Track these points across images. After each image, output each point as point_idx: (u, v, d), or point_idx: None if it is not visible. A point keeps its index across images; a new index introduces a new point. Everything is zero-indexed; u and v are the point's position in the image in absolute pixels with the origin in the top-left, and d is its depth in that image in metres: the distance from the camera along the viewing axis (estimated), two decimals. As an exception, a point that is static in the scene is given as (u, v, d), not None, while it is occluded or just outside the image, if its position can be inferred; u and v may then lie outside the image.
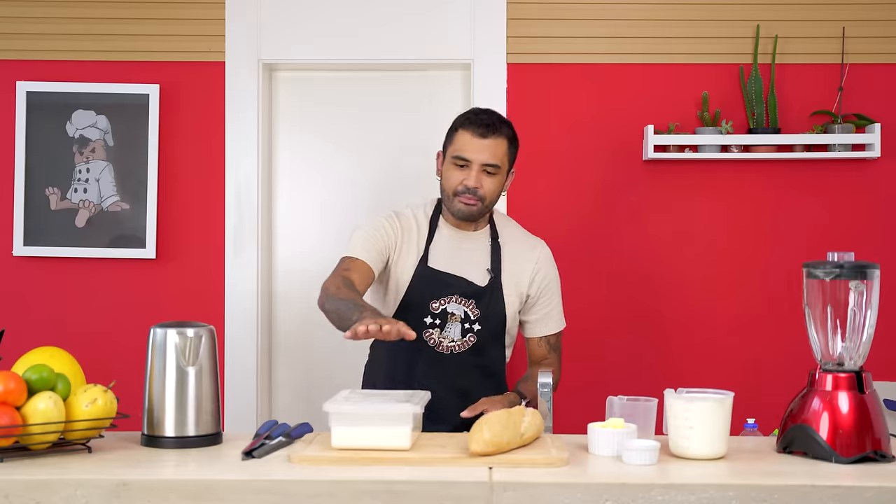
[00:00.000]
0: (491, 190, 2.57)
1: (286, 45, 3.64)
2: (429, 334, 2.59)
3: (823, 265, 2.04)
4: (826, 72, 3.59)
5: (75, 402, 2.00)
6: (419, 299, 2.59)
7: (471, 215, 2.59)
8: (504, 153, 2.58)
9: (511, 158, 2.62)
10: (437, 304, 2.58)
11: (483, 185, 2.56)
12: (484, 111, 2.63)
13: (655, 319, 3.62)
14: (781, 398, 2.29)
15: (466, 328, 2.58)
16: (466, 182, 2.56)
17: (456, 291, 2.58)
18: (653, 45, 3.61)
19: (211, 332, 2.14)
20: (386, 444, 1.94)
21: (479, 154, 2.55)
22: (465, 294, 2.58)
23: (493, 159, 2.56)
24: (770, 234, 3.61)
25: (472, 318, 2.58)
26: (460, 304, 2.58)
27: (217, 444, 2.11)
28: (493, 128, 2.57)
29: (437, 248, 2.63)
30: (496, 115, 2.61)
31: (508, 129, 2.61)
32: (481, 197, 2.56)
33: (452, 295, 2.58)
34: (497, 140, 2.57)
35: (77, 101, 3.61)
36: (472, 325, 2.58)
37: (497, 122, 2.58)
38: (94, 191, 3.61)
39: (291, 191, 3.78)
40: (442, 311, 2.58)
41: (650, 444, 1.94)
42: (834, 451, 1.95)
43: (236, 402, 3.59)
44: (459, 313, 2.58)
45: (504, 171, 2.61)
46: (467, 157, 2.56)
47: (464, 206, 2.57)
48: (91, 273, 3.64)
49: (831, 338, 2.05)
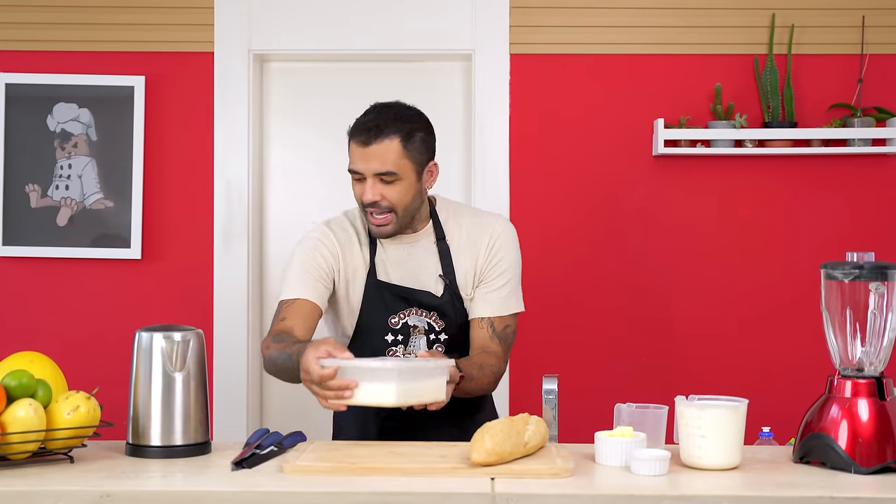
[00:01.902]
0: (396, 199, 2.37)
1: (278, 34, 3.64)
2: (392, 352, 2.45)
3: (842, 266, 2.04)
4: (845, 63, 3.59)
5: (57, 410, 2.00)
6: (376, 317, 2.45)
7: (389, 234, 2.42)
8: (398, 155, 2.35)
9: (414, 156, 2.38)
10: (396, 318, 2.44)
11: (385, 195, 2.37)
12: (371, 110, 2.43)
13: (666, 322, 3.62)
14: (798, 405, 2.29)
15: (433, 339, 2.46)
16: (364, 197, 2.38)
17: (413, 304, 2.45)
18: (663, 35, 3.61)
19: (199, 336, 2.14)
20: (373, 400, 2.01)
21: (367, 164, 2.36)
22: (424, 306, 2.45)
23: (384, 166, 2.35)
24: (786, 233, 3.61)
25: (437, 329, 2.46)
26: (421, 315, 2.45)
27: (205, 453, 2.11)
28: (376, 131, 2.35)
29: (384, 260, 2.47)
30: (382, 113, 2.39)
31: (401, 124, 2.37)
32: (388, 207, 2.38)
33: (410, 307, 2.45)
34: (383, 144, 2.35)
35: (58, 94, 3.61)
36: (437, 335, 2.46)
37: (381, 123, 2.36)
38: (76, 188, 3.61)
39: (284, 187, 3.78)
40: (403, 325, 2.45)
41: (660, 453, 1.93)
42: (853, 461, 1.95)
43: (226, 409, 3.59)
44: (422, 325, 2.45)
45: (408, 174, 2.38)
46: (357, 168, 2.38)
47: (376, 228, 2.40)
48: (73, 274, 3.64)
49: (850, 342, 2.05)
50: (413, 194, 2.41)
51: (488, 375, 2.41)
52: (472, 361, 2.39)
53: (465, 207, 2.61)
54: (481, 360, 2.41)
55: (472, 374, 2.34)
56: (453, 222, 2.51)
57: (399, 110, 2.41)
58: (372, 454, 2.03)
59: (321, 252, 2.45)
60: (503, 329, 2.48)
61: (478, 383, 2.38)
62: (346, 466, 1.92)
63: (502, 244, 2.48)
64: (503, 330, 2.48)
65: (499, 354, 2.46)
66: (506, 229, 2.51)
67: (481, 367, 2.38)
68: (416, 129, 2.40)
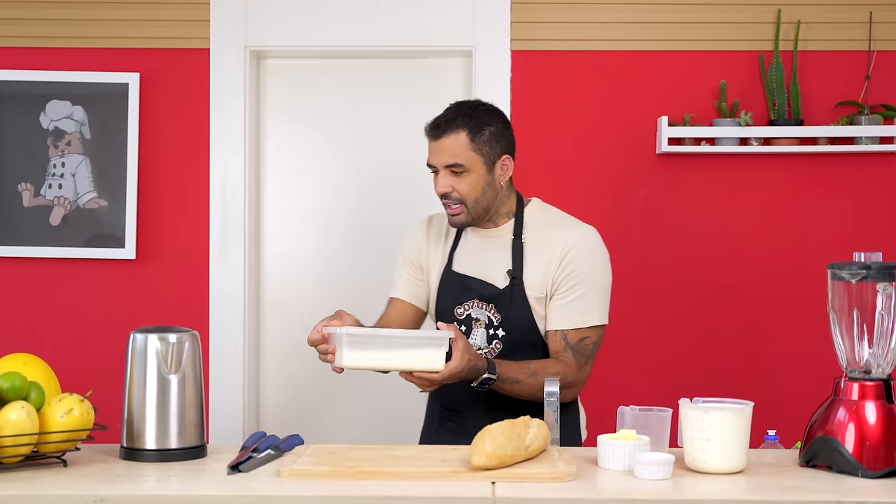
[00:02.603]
0: (466, 191, 2.49)
1: (275, 30, 3.64)
2: None
3: (849, 266, 2.04)
4: (852, 59, 3.59)
5: (50, 413, 2.00)
6: (445, 305, 2.57)
7: (463, 224, 2.54)
8: (465, 148, 2.47)
9: (483, 149, 2.49)
10: (462, 309, 2.54)
11: (455, 187, 2.49)
12: (450, 106, 2.56)
13: (669, 324, 3.62)
14: (804, 408, 2.29)
15: (492, 334, 2.52)
16: (437, 189, 2.52)
17: (475, 295, 2.53)
18: (667, 31, 3.61)
19: (194, 338, 2.14)
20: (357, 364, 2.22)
21: (438, 157, 2.50)
22: (484, 297, 2.52)
23: (452, 158, 2.47)
24: (792, 232, 3.61)
25: (496, 324, 2.52)
26: (482, 308, 2.53)
27: (201, 457, 2.11)
28: (445, 125, 2.49)
29: (462, 251, 2.60)
30: (456, 107, 2.53)
31: (468, 118, 2.49)
32: (459, 199, 2.50)
33: (473, 299, 2.53)
34: (451, 137, 2.48)
35: (52, 91, 3.61)
36: (496, 330, 2.52)
37: (451, 117, 2.50)
38: (69, 187, 3.61)
39: (281, 186, 3.78)
40: (466, 316, 2.54)
41: (664, 457, 1.94)
42: (860, 465, 1.95)
43: (222, 412, 3.58)
44: (483, 318, 2.52)
45: (476, 166, 2.49)
46: (431, 162, 2.52)
47: (451, 217, 2.54)
48: (66, 275, 3.64)
49: (857, 344, 2.05)
50: (483, 186, 2.51)
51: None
52: (525, 365, 2.43)
53: (556, 214, 2.64)
54: (539, 366, 2.43)
55: (516, 377, 2.39)
56: (535, 223, 2.58)
57: (471, 106, 2.54)
58: (370, 458, 2.03)
59: (409, 245, 2.68)
60: (579, 341, 2.49)
61: (525, 387, 2.41)
62: (343, 471, 1.92)
63: (576, 255, 2.50)
64: (579, 342, 2.49)
65: (570, 363, 2.48)
66: (583, 240, 2.53)
67: (534, 373, 2.41)
68: (486, 123, 2.51)
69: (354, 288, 3.68)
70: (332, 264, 3.74)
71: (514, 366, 2.41)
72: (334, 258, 3.75)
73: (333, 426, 3.68)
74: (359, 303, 3.58)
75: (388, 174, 3.72)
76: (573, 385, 2.49)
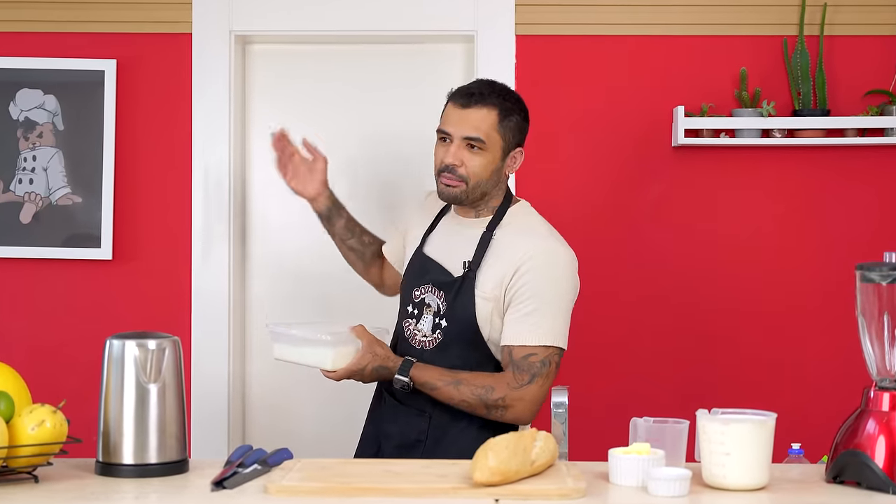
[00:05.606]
0: (475, 170, 2.55)
1: (261, 14, 3.64)
2: (407, 324, 2.65)
3: (879, 267, 2.04)
4: (882, 45, 3.59)
5: (20, 425, 2.00)
6: (406, 285, 2.70)
7: (454, 198, 2.59)
8: (491, 126, 2.54)
9: (506, 135, 2.57)
10: (419, 291, 2.64)
11: (465, 162, 2.55)
12: (481, 80, 2.66)
13: (686, 329, 3.62)
14: (831, 420, 2.29)
15: (436, 323, 2.58)
16: (445, 159, 2.56)
17: (430, 279, 2.61)
18: (683, 15, 3.61)
19: (175, 344, 2.15)
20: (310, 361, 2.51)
21: (458, 126, 2.55)
22: (436, 283, 2.59)
23: (475, 132, 2.53)
24: (818, 230, 3.61)
25: (441, 313, 2.57)
26: (434, 294, 2.59)
27: (182, 472, 2.11)
28: (479, 97, 2.55)
29: (436, 234, 2.71)
30: (489, 84, 2.60)
31: (502, 100, 2.57)
32: (463, 177, 2.55)
33: (429, 283, 2.61)
34: (481, 110, 2.54)
35: (22, 79, 3.61)
36: (440, 319, 2.57)
37: (486, 91, 2.57)
38: (41, 182, 3.62)
39: (268, 180, 3.77)
40: (420, 300, 2.62)
41: (680, 472, 1.94)
42: (891, 482, 1.95)
43: (205, 424, 3.59)
44: (434, 305, 2.59)
45: (494, 149, 2.56)
46: (447, 129, 2.57)
47: (444, 187, 2.58)
48: (38, 276, 3.64)
49: (889, 350, 2.05)
50: (492, 171, 2.58)
51: (468, 396, 2.48)
52: (453, 373, 2.50)
53: (536, 221, 2.65)
54: (467, 376, 2.49)
55: (434, 383, 2.49)
56: (511, 224, 2.61)
57: (504, 88, 2.62)
58: (365, 473, 2.03)
59: (403, 216, 2.94)
60: (522, 358, 2.49)
61: (444, 394, 2.49)
62: (336, 487, 1.92)
63: (532, 267, 2.51)
64: (523, 359, 2.49)
65: (505, 380, 2.48)
66: (547, 254, 2.54)
67: (457, 382, 2.48)
68: (515, 110, 2.60)
69: (347, 286, 3.67)
70: (324, 262, 3.73)
71: (437, 372, 2.50)
72: (325, 256, 3.74)
73: (325, 439, 3.68)
74: (352, 302, 3.61)
75: (381, 166, 3.73)
76: (506, 406, 2.48)
